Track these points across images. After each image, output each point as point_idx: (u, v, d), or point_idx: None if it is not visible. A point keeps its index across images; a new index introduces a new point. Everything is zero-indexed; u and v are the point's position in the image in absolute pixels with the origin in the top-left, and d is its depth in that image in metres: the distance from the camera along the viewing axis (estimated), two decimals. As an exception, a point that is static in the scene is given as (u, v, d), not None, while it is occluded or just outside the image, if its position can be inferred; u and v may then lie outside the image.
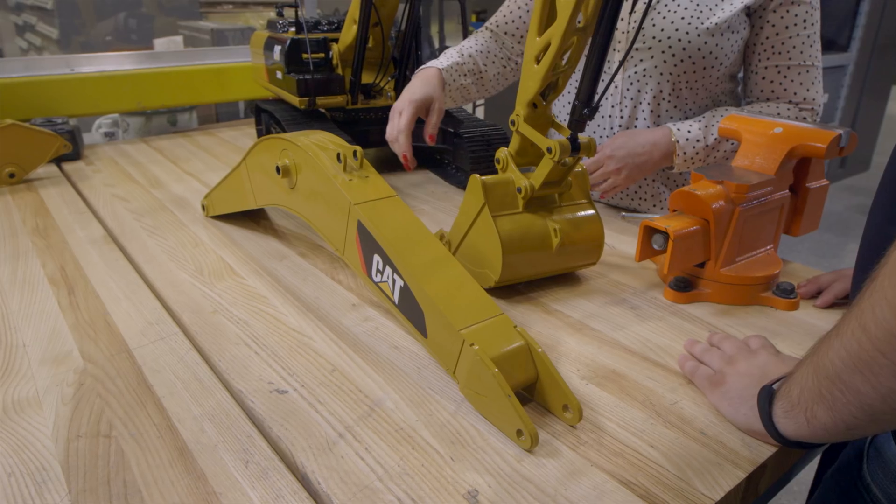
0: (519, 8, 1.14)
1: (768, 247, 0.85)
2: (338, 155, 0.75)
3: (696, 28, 0.95)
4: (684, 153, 0.98)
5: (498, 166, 0.80)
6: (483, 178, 0.77)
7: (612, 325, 0.74)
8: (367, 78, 1.22)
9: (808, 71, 0.99)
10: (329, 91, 1.17)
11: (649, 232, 0.76)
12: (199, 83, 1.66)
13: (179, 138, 1.57)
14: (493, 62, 1.14)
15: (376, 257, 0.69)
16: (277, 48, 1.23)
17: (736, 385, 0.58)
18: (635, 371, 0.65)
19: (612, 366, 0.66)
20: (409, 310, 0.65)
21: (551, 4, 0.69)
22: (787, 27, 0.96)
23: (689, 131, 0.98)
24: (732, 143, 0.99)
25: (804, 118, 1.01)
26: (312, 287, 0.81)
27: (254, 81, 1.49)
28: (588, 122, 0.72)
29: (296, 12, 1.22)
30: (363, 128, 1.23)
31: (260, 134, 1.48)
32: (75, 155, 1.37)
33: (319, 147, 0.78)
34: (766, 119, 0.85)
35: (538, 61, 0.71)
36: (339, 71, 1.21)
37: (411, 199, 1.14)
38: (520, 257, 0.76)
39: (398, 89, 1.22)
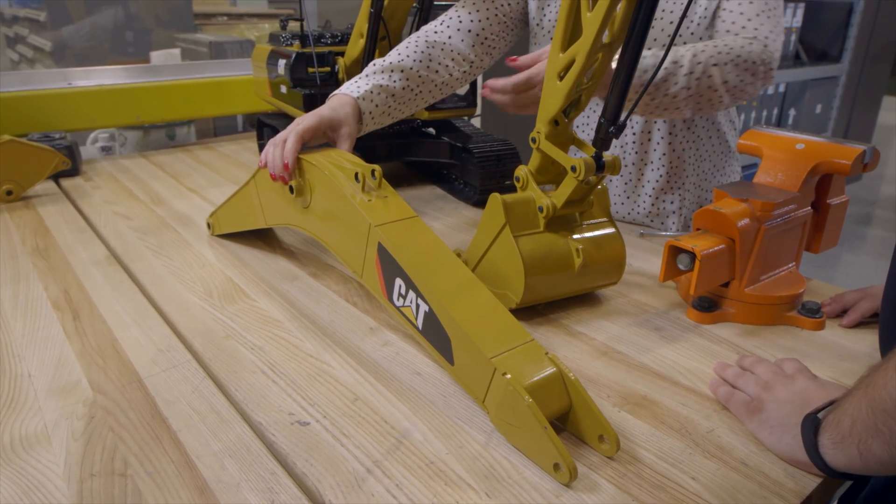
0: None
1: (791, 264, 0.83)
2: (356, 174, 0.73)
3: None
4: None
5: (518, 184, 0.78)
6: (503, 196, 0.75)
7: (639, 348, 0.72)
8: (373, 92, 1.20)
9: (769, 17, 0.90)
10: (335, 106, 1.14)
11: (674, 251, 0.74)
12: (198, 97, 1.64)
13: (179, 153, 1.54)
14: (440, 69, 0.97)
15: (398, 281, 0.66)
16: (282, 62, 1.21)
17: (776, 413, 0.56)
18: (667, 397, 0.63)
19: (643, 391, 0.64)
20: (435, 336, 0.63)
21: (575, 19, 0.68)
22: None
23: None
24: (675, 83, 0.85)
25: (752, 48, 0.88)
26: (327, 310, 0.78)
27: (254, 95, 1.47)
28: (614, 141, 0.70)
29: (301, 26, 1.20)
30: (369, 142, 1.21)
31: (262, 149, 1.45)
32: (73, 171, 1.34)
33: (336, 166, 0.76)
34: (787, 135, 0.83)
35: (561, 78, 0.69)
36: (346, 85, 1.19)
37: (421, 216, 1.12)
38: (542, 278, 0.74)
39: (405, 104, 1.20)
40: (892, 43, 4.30)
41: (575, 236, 0.77)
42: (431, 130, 1.28)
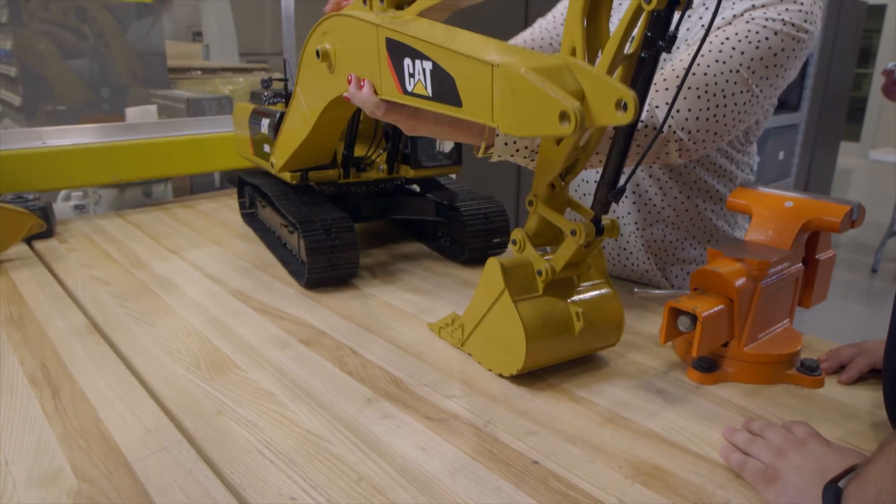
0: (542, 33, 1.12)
1: (785, 321, 0.84)
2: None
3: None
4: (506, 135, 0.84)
5: (514, 248, 0.77)
6: (501, 260, 0.74)
7: (643, 413, 0.70)
8: (358, 151, 1.19)
9: (667, 90, 0.84)
10: (321, 166, 1.14)
11: (675, 313, 0.74)
12: (176, 154, 1.62)
13: (156, 211, 1.52)
14: None
15: (406, 62, 0.68)
16: (266, 121, 1.20)
17: (793, 481, 0.55)
18: (679, 465, 0.62)
19: (654, 460, 0.62)
20: (444, 90, 0.65)
21: (571, 86, 0.68)
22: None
23: None
24: None
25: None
26: (321, 380, 0.76)
27: (234, 152, 1.46)
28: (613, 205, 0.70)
29: (285, 85, 1.20)
30: (354, 202, 1.20)
31: (242, 207, 1.43)
32: (48, 232, 1.30)
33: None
34: (775, 193, 0.85)
35: (558, 142, 0.70)
36: (331, 144, 1.19)
37: (408, 276, 1.11)
38: (543, 343, 0.73)
39: (390, 162, 1.20)
40: (846, 92, 4.49)
41: (574, 299, 0.76)
42: (416, 187, 1.28)
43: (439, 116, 0.79)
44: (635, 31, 0.61)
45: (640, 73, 0.61)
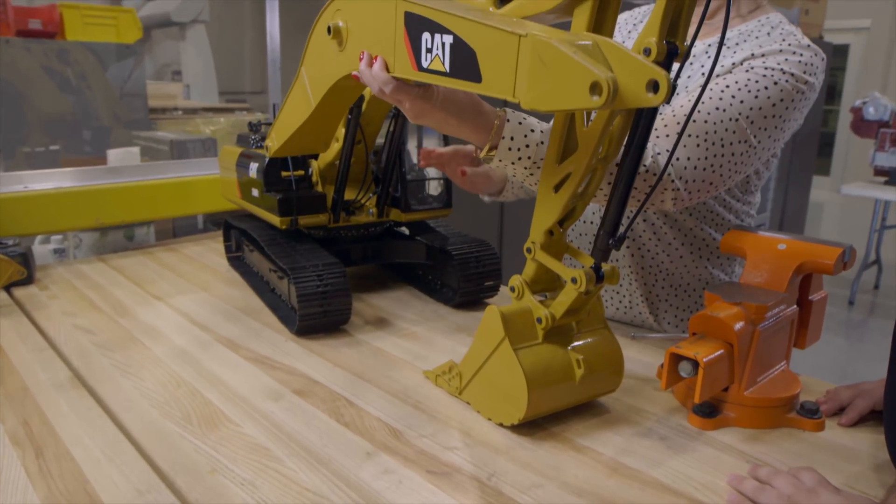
0: None
1: (782, 363, 0.84)
2: None
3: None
4: (511, 138, 0.79)
5: (513, 295, 0.77)
6: (501, 308, 0.73)
7: (648, 462, 0.69)
8: (347, 195, 1.19)
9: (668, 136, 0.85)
10: (311, 210, 1.13)
11: (676, 359, 0.74)
12: (160, 197, 1.60)
13: (139, 255, 1.49)
14: None
15: (425, 35, 0.67)
16: (254, 165, 1.19)
17: (807, 534, 0.55)
18: (688, 518, 0.60)
19: (663, 513, 0.61)
20: (463, 66, 0.63)
21: (569, 132, 0.69)
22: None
23: (524, 120, 0.81)
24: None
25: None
26: (318, 433, 0.74)
27: (219, 195, 1.45)
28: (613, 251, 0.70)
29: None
30: (344, 246, 1.19)
31: (229, 251, 1.41)
32: (28, 279, 1.27)
33: None
34: (768, 235, 0.86)
35: (556, 190, 0.70)
36: (320, 188, 1.18)
37: (400, 321, 1.09)
38: (544, 391, 0.72)
39: (380, 206, 1.20)
40: (816, 128, 4.62)
41: (574, 345, 0.76)
42: (405, 230, 1.28)
43: (448, 104, 0.77)
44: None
45: (639, 122, 0.61)
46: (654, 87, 0.51)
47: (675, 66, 0.59)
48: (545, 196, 0.71)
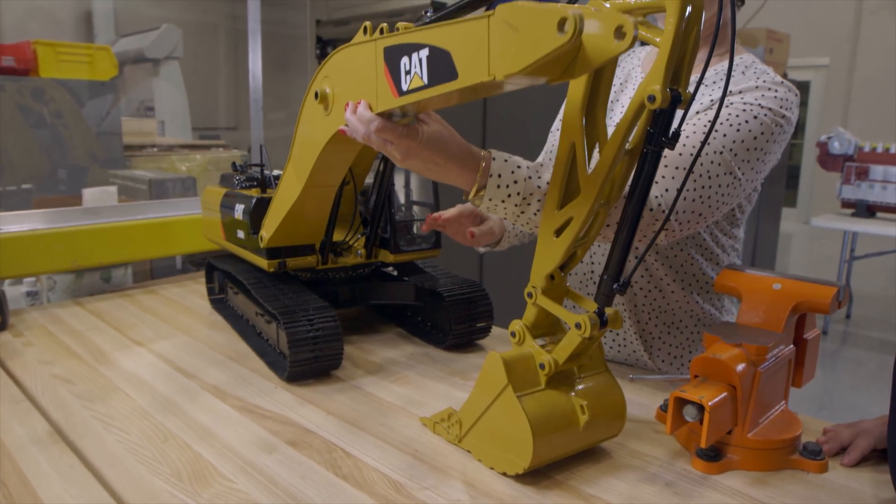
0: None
1: (782, 403, 0.84)
2: (363, 28, 0.78)
3: None
4: (499, 175, 0.79)
5: (514, 340, 0.76)
6: (503, 355, 0.72)
7: (657, 510, 0.68)
8: (336, 236, 1.17)
9: (676, 169, 0.87)
10: (299, 252, 1.11)
11: (680, 403, 0.73)
12: (140, 238, 1.56)
13: (118, 298, 1.45)
14: None
15: (403, 59, 0.70)
16: (240, 206, 1.17)
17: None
18: (703, 571, 0.59)
19: (677, 566, 0.59)
20: (439, 71, 0.66)
21: (570, 176, 0.69)
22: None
23: (510, 158, 0.81)
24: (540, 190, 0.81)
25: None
26: (315, 487, 0.71)
27: (200, 235, 1.42)
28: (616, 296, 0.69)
29: (261, 170, 1.18)
30: (332, 288, 1.17)
31: (211, 293, 1.38)
32: (1, 325, 1.22)
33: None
34: (762, 275, 0.86)
35: (558, 234, 0.69)
36: (308, 229, 1.16)
37: (392, 364, 1.07)
38: (549, 439, 0.71)
39: (368, 247, 1.18)
40: (784, 162, 4.74)
41: (577, 390, 0.74)
42: (393, 271, 1.26)
43: (433, 142, 0.78)
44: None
45: (643, 168, 0.62)
46: (620, 34, 0.53)
47: (679, 112, 0.59)
48: (546, 241, 0.70)
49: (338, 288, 1.18)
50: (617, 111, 1.06)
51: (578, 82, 0.65)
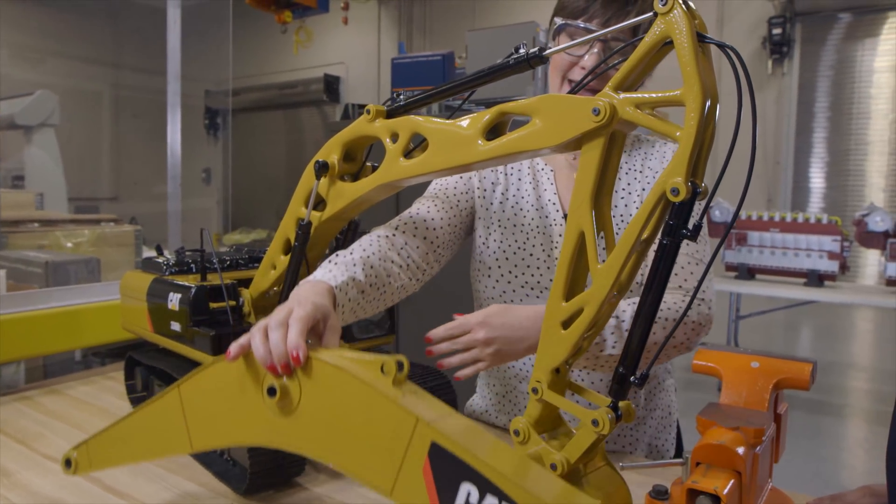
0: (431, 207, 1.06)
1: (770, 482, 0.84)
2: (381, 366, 0.61)
3: None
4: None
5: (517, 439, 0.71)
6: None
7: None
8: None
9: (697, 265, 0.96)
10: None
11: (692, 494, 0.71)
12: (37, 331, 1.38)
13: (14, 402, 1.26)
14: (398, 272, 0.94)
15: (467, 487, 0.56)
16: (175, 296, 1.06)
17: None
18: None
19: None
20: None
21: (577, 266, 0.67)
22: None
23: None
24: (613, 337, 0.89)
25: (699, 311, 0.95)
26: None
27: (108, 325, 1.28)
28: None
29: (201, 256, 1.09)
30: (281, 380, 1.07)
31: (132, 391, 1.23)
32: None
33: (348, 358, 0.64)
34: (739, 353, 0.87)
35: (566, 327, 0.67)
36: (252, 320, 1.07)
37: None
38: (567, 548, 0.65)
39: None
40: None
41: (585, 491, 0.70)
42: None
43: None
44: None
45: (661, 260, 0.61)
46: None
47: (699, 205, 0.59)
48: (552, 333, 0.67)
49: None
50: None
51: (589, 168, 0.64)
